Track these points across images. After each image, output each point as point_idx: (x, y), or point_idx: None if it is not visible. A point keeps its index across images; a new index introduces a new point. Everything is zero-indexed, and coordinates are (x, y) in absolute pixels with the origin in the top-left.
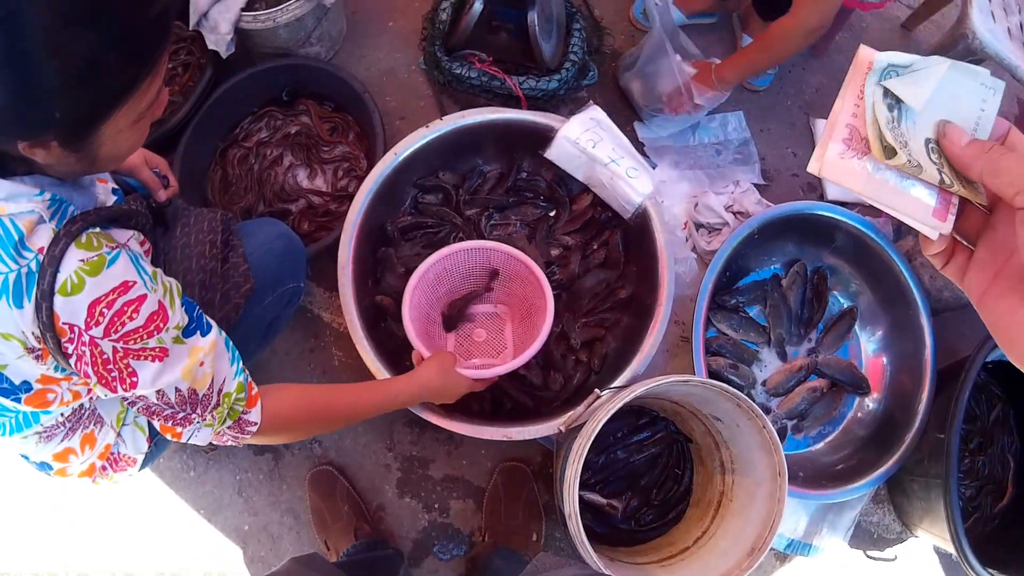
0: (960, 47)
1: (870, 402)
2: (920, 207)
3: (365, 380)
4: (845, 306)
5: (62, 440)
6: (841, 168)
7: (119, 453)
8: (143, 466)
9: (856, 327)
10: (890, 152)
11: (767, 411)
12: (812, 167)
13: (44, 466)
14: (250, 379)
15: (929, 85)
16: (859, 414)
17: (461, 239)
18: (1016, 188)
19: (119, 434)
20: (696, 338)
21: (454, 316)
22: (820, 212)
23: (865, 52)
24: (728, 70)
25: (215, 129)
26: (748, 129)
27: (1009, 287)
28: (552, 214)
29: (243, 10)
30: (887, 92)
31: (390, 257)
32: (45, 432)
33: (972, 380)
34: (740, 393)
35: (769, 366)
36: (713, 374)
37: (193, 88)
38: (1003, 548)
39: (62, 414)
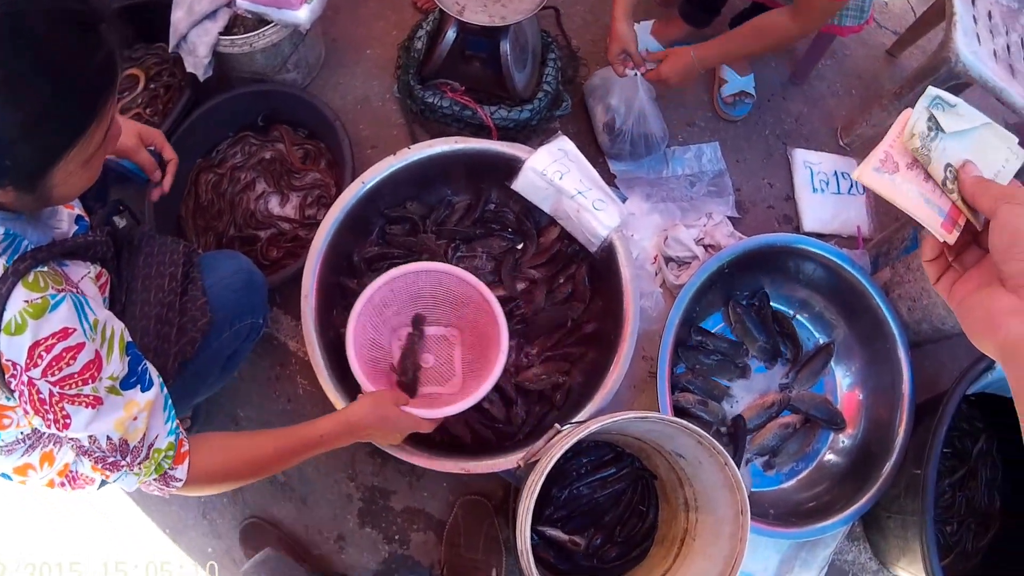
0: (943, 70)
1: (845, 438)
2: (932, 218)
3: (330, 410)
4: (821, 342)
5: (22, 455)
6: (875, 177)
7: (77, 472)
8: (102, 485)
9: (832, 362)
10: (909, 136)
11: None
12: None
13: (5, 475)
14: (182, 436)
15: (966, 124)
16: (833, 450)
17: None
18: (994, 201)
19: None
20: (661, 374)
21: (409, 376)
22: (794, 245)
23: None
24: (711, 49)
25: (192, 151)
26: (723, 160)
27: (985, 285)
28: (519, 247)
29: (221, 34)
30: (931, 116)
31: (354, 287)
32: (5, 447)
33: (951, 413)
34: (700, 430)
35: (741, 401)
36: (681, 410)
37: (171, 110)
38: None
39: (22, 432)
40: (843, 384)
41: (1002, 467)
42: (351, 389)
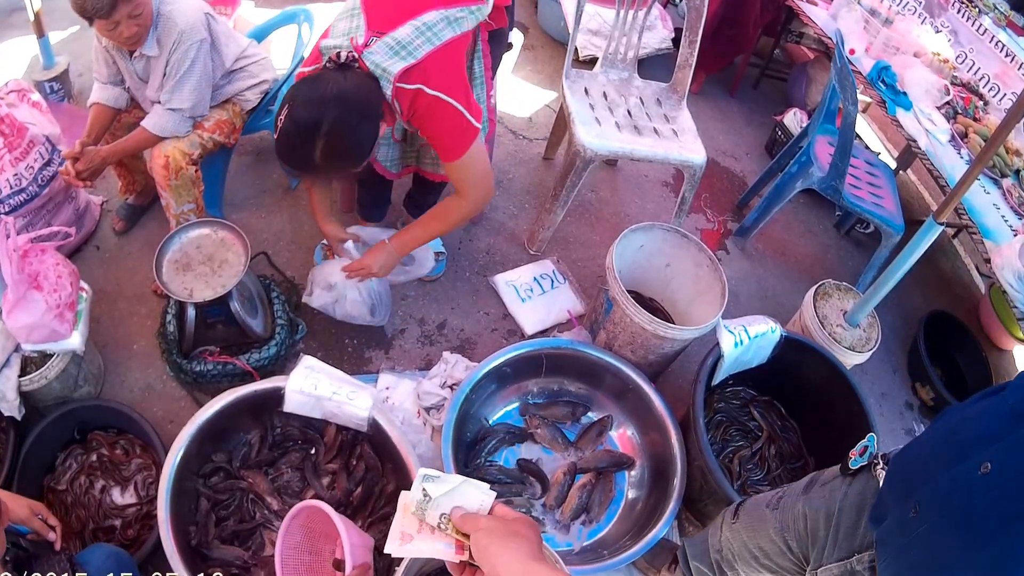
0: (579, 162)
1: (636, 470)
2: (446, 552)
3: None
4: (595, 418)
5: None
6: (402, 549)
7: None
8: None
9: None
10: (412, 506)
11: (557, 523)
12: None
13: None
14: None
15: (449, 486)
16: (632, 483)
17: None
18: (472, 527)
19: None
20: None
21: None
22: (520, 351)
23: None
24: (404, 238)
25: (35, 475)
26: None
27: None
28: (312, 452)
29: (19, 376)
30: (423, 489)
31: (202, 535)
32: None
33: (702, 394)
34: None
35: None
36: None
37: (5, 452)
38: None
39: None
40: (613, 431)
41: (787, 412)
42: None
